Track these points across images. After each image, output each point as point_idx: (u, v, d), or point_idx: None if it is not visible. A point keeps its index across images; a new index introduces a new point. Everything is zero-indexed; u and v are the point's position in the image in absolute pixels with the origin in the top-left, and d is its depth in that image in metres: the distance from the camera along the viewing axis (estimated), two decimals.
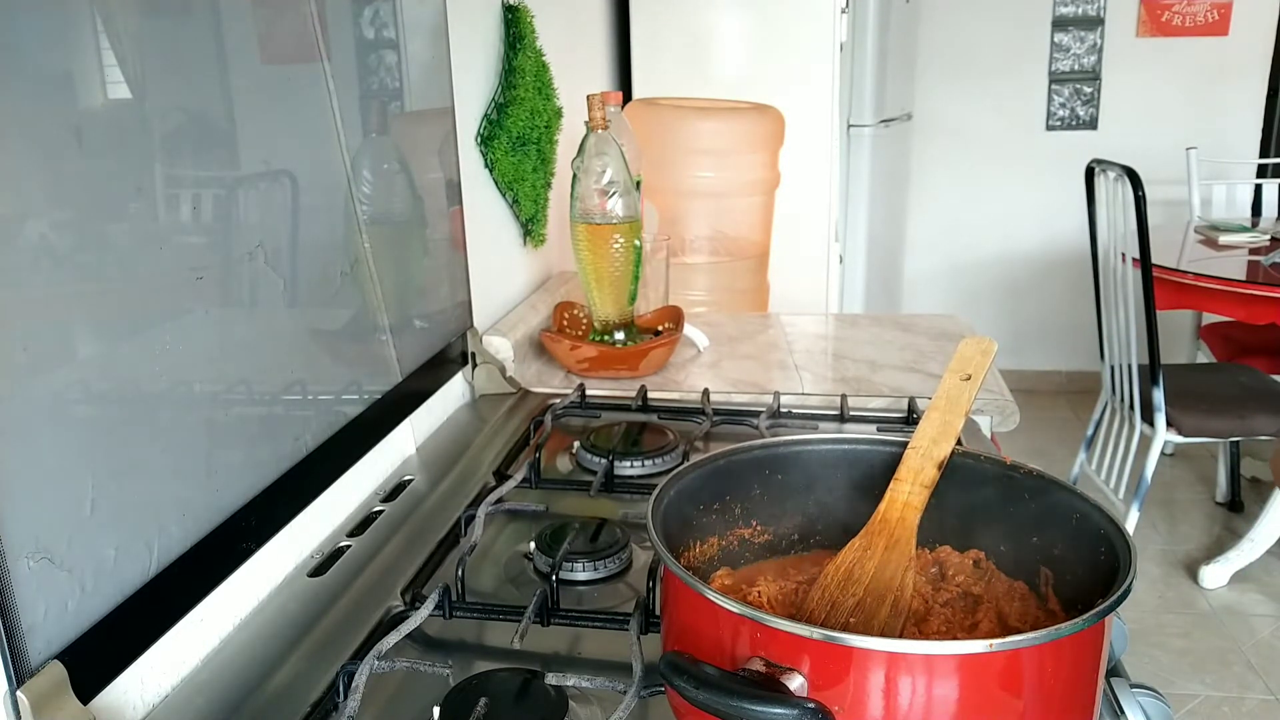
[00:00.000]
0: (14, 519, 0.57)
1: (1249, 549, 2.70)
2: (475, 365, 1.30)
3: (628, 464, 1.07)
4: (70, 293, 0.63)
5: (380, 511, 1.00)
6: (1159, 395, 2.64)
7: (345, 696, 0.67)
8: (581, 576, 0.86)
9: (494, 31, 1.47)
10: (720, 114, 2.03)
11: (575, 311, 1.51)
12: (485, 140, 1.42)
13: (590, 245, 1.36)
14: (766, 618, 0.52)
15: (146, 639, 0.69)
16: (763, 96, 2.10)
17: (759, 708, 0.49)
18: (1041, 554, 0.67)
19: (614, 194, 1.34)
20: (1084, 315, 3.58)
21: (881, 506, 0.69)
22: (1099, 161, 2.87)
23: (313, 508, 0.91)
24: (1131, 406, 2.72)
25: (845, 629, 0.62)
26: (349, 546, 0.93)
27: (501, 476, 1.05)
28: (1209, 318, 3.41)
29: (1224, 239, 3.15)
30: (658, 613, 0.76)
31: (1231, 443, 3.06)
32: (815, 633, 0.51)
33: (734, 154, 1.99)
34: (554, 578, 0.80)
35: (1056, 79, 4.09)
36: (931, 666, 0.50)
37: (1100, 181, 2.86)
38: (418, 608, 0.77)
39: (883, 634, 0.62)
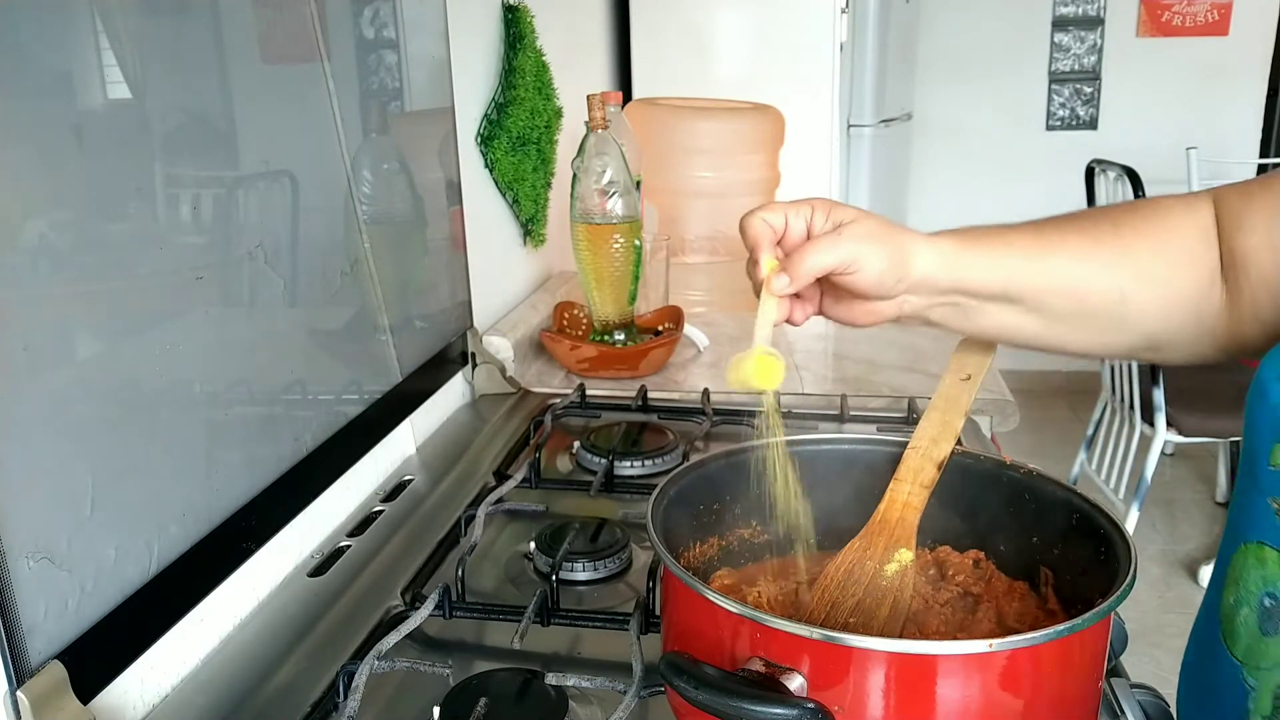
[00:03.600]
0: (14, 519, 0.57)
1: None
2: (475, 365, 1.30)
3: (628, 464, 1.07)
4: (70, 293, 0.63)
5: (380, 511, 1.00)
6: (1159, 395, 2.64)
7: (345, 696, 0.67)
8: (581, 576, 0.86)
9: (494, 31, 1.47)
10: (720, 114, 2.03)
11: (575, 311, 1.51)
12: (485, 140, 1.42)
13: (590, 245, 1.36)
14: (766, 618, 0.52)
15: (147, 639, 0.69)
16: (763, 96, 2.10)
17: (758, 708, 0.48)
18: (1041, 554, 0.67)
19: (614, 194, 1.34)
20: None
21: (881, 506, 0.68)
22: (1099, 161, 2.88)
23: (313, 508, 0.91)
24: (1131, 406, 2.72)
25: (845, 629, 0.62)
26: (349, 546, 0.93)
27: (501, 476, 1.05)
28: None
29: None
30: (658, 613, 0.76)
31: (1231, 443, 3.06)
32: (815, 633, 0.51)
33: (734, 154, 1.99)
34: (554, 578, 0.80)
35: (1056, 79, 4.09)
36: (931, 666, 0.50)
37: (1100, 181, 2.86)
38: (418, 608, 0.77)
39: (882, 634, 0.62)
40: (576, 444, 1.13)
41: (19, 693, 0.57)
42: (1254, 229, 0.68)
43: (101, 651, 0.64)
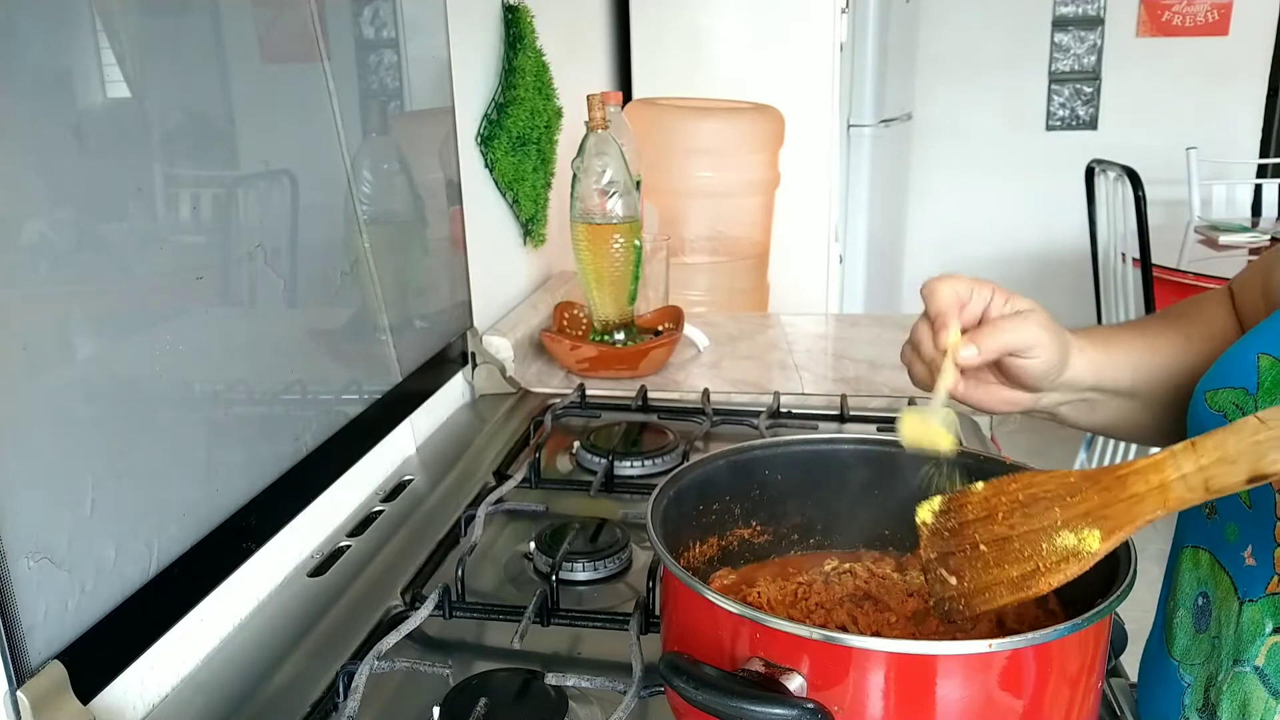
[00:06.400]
0: (14, 519, 0.57)
1: None
2: (475, 365, 1.30)
3: (628, 464, 1.07)
4: (70, 292, 0.63)
5: (380, 511, 1.00)
6: None
7: (345, 696, 0.67)
8: (581, 576, 0.86)
9: (494, 31, 1.47)
10: (720, 114, 2.03)
11: (575, 311, 1.51)
12: (485, 140, 1.42)
13: (590, 245, 1.36)
14: (766, 618, 0.52)
15: (146, 639, 0.69)
16: (763, 96, 2.10)
17: (758, 708, 0.48)
18: None
19: (614, 194, 1.34)
20: (1084, 315, 3.58)
21: (1138, 464, 0.52)
22: (1099, 161, 2.88)
23: (313, 508, 0.91)
24: None
25: (975, 554, 0.56)
26: (349, 546, 0.93)
27: (501, 476, 1.05)
28: None
29: (1224, 239, 3.15)
30: (657, 613, 0.76)
31: None
32: (814, 633, 0.51)
33: (734, 154, 1.99)
34: (554, 578, 0.80)
35: (1056, 79, 4.09)
36: (931, 667, 0.50)
37: (1100, 181, 2.86)
38: (418, 608, 0.77)
39: (990, 594, 0.56)
40: (576, 444, 1.13)
41: (19, 693, 0.57)
42: (1241, 305, 0.76)
43: (101, 651, 0.64)
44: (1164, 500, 0.50)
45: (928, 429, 0.64)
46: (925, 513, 0.61)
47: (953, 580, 0.57)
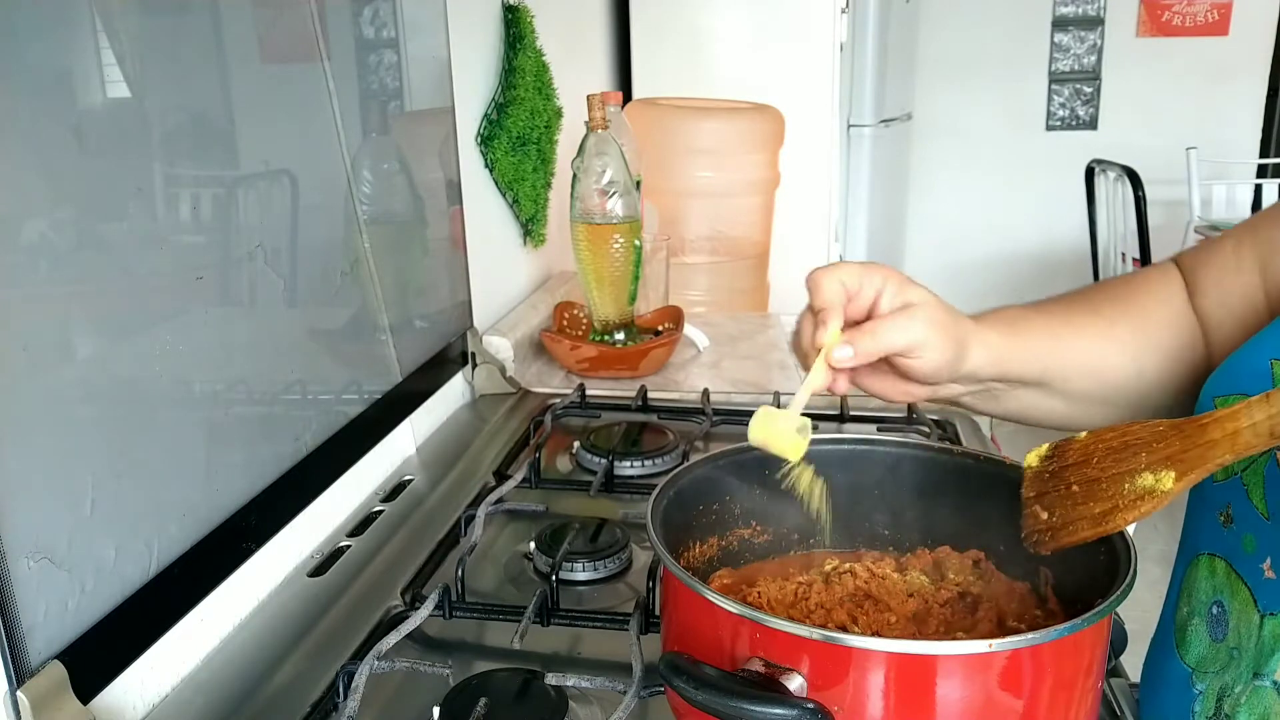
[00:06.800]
0: (14, 519, 0.57)
1: None
2: (475, 365, 1.30)
3: (628, 464, 1.07)
4: (70, 292, 0.63)
5: (380, 511, 1.00)
6: None
7: (345, 696, 0.67)
8: (581, 576, 0.86)
9: (494, 31, 1.47)
10: (720, 114, 2.03)
11: (575, 311, 1.51)
12: (485, 140, 1.42)
13: (590, 245, 1.36)
14: (766, 618, 0.52)
15: (146, 639, 0.69)
16: (763, 96, 2.10)
17: (758, 708, 0.48)
18: (1041, 554, 0.67)
19: (614, 194, 1.34)
20: None
21: (1217, 414, 0.54)
22: (1099, 161, 2.88)
23: (313, 508, 0.91)
24: None
25: (1068, 495, 0.58)
26: (349, 546, 0.93)
27: (501, 476, 1.05)
28: None
29: None
30: (657, 613, 0.76)
31: None
32: (815, 633, 0.51)
33: (734, 154, 1.99)
34: (554, 578, 0.80)
35: (1056, 79, 4.09)
36: (931, 667, 0.50)
37: (1100, 181, 2.86)
38: (418, 608, 0.77)
39: (1070, 530, 0.58)
40: (576, 444, 1.13)
41: (19, 693, 0.57)
42: (1205, 292, 0.71)
43: (101, 651, 0.64)
44: (1233, 445, 0.53)
45: (778, 431, 0.59)
46: (1033, 457, 0.62)
47: (1044, 515, 0.60)
